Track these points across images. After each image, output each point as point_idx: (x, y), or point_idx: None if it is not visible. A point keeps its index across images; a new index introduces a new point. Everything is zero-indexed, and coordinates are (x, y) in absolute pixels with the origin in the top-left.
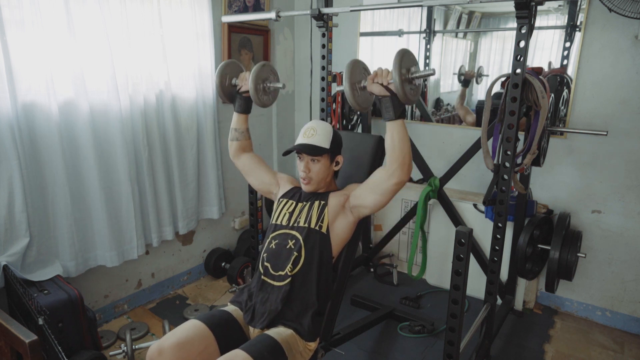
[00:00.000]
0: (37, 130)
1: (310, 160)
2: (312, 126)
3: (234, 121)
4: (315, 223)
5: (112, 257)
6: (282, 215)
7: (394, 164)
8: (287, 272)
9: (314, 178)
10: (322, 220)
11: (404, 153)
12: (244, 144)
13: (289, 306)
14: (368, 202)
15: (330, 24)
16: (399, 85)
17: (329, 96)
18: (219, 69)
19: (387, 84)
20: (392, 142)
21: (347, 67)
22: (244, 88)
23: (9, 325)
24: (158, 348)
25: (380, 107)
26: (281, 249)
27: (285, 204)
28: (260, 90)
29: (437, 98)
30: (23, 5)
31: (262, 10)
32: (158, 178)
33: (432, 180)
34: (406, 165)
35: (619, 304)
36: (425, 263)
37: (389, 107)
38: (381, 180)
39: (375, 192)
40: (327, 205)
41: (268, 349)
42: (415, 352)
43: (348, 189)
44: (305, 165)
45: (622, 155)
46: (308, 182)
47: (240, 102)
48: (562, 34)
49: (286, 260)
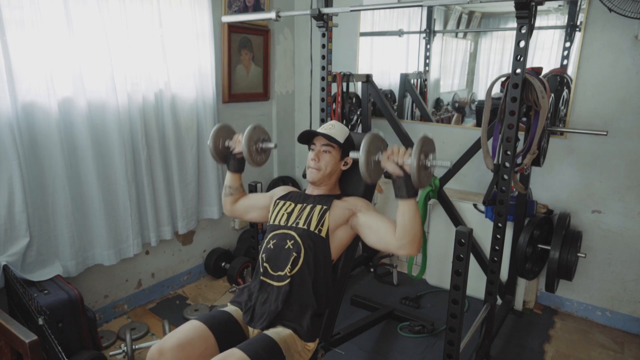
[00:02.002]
0: (37, 130)
1: (322, 150)
2: (332, 123)
3: (228, 180)
4: (315, 226)
5: (109, 255)
6: (280, 216)
7: (404, 239)
8: (287, 272)
9: (322, 168)
10: (322, 225)
11: (414, 232)
12: (237, 198)
13: (289, 306)
14: (367, 240)
15: (330, 24)
16: (416, 171)
17: (329, 96)
18: (212, 132)
19: (402, 164)
20: (403, 220)
21: (366, 139)
22: (237, 150)
23: (9, 325)
24: (158, 349)
25: (392, 185)
26: (280, 249)
27: (282, 205)
28: (254, 151)
29: (437, 98)
30: (23, 5)
31: (262, 10)
32: (157, 177)
33: (432, 180)
34: (416, 243)
35: (619, 304)
36: (425, 263)
37: (402, 187)
38: (389, 244)
39: (379, 244)
40: (329, 211)
41: (265, 348)
42: (415, 352)
43: (355, 205)
44: (315, 154)
45: (622, 155)
46: (316, 170)
47: (234, 163)
48: (562, 34)
49: (285, 260)
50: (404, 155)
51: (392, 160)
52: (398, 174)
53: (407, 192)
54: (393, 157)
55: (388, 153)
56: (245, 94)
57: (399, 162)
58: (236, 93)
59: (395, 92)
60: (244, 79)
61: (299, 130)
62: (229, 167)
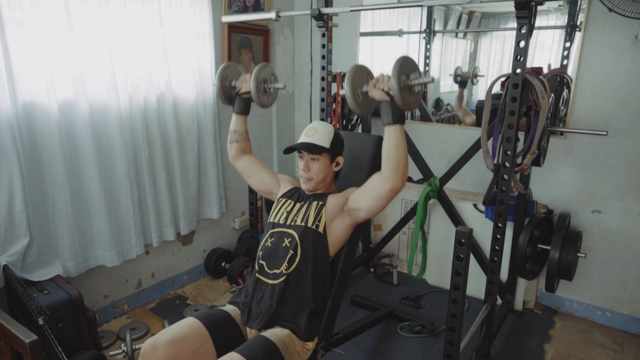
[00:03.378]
0: (37, 130)
1: (310, 159)
2: (314, 126)
3: (233, 123)
4: (312, 222)
5: (112, 256)
6: (280, 214)
7: (388, 169)
8: (283, 270)
9: (314, 177)
10: (319, 220)
11: (398, 159)
12: (243, 146)
13: (284, 305)
14: (363, 206)
15: (330, 24)
16: (397, 91)
17: (329, 96)
18: (219, 71)
19: (387, 90)
20: (387, 148)
21: (349, 72)
22: (244, 89)
23: (9, 325)
24: (152, 344)
25: (379, 111)
26: (277, 247)
27: (284, 203)
28: (261, 90)
29: (437, 98)
30: (23, 5)
31: (262, 10)
32: (159, 178)
33: (432, 180)
34: (400, 171)
35: (619, 304)
36: (425, 263)
37: (387, 111)
38: (375, 185)
39: (370, 197)
40: (325, 206)
41: (264, 351)
42: (415, 352)
43: (347, 192)
44: (305, 164)
45: (622, 155)
46: (307, 180)
47: (240, 104)
48: (562, 34)
49: (282, 258)
50: (388, 82)
51: (378, 88)
52: (385, 99)
53: (392, 117)
54: (379, 84)
55: (374, 81)
56: None
57: (384, 88)
58: None
59: None
60: None
61: (299, 130)
62: (235, 108)
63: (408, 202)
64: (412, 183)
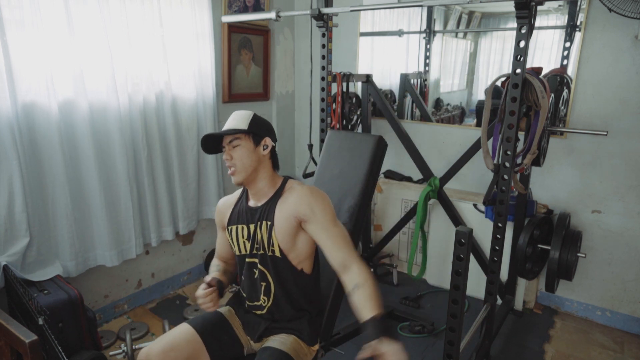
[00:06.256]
0: (37, 130)
1: (231, 148)
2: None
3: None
4: (268, 248)
5: (112, 256)
6: (241, 244)
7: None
8: (262, 303)
9: (238, 165)
10: (272, 245)
11: None
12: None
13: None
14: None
15: (330, 24)
16: None
17: (329, 96)
18: None
19: None
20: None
21: None
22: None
23: (9, 325)
24: (146, 354)
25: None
26: (250, 280)
27: (237, 230)
28: None
29: (437, 98)
30: (23, 5)
31: (262, 10)
32: (158, 178)
33: (432, 180)
34: None
35: (619, 304)
36: (425, 263)
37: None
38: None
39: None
40: (273, 226)
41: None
42: (415, 352)
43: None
44: (226, 153)
45: (622, 155)
46: (234, 172)
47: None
48: (562, 34)
49: (258, 292)
50: None
51: None
52: None
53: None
54: None
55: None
56: (245, 94)
57: None
58: (236, 93)
59: (395, 92)
60: (244, 79)
61: (300, 130)
62: None
63: (408, 202)
64: (412, 183)
